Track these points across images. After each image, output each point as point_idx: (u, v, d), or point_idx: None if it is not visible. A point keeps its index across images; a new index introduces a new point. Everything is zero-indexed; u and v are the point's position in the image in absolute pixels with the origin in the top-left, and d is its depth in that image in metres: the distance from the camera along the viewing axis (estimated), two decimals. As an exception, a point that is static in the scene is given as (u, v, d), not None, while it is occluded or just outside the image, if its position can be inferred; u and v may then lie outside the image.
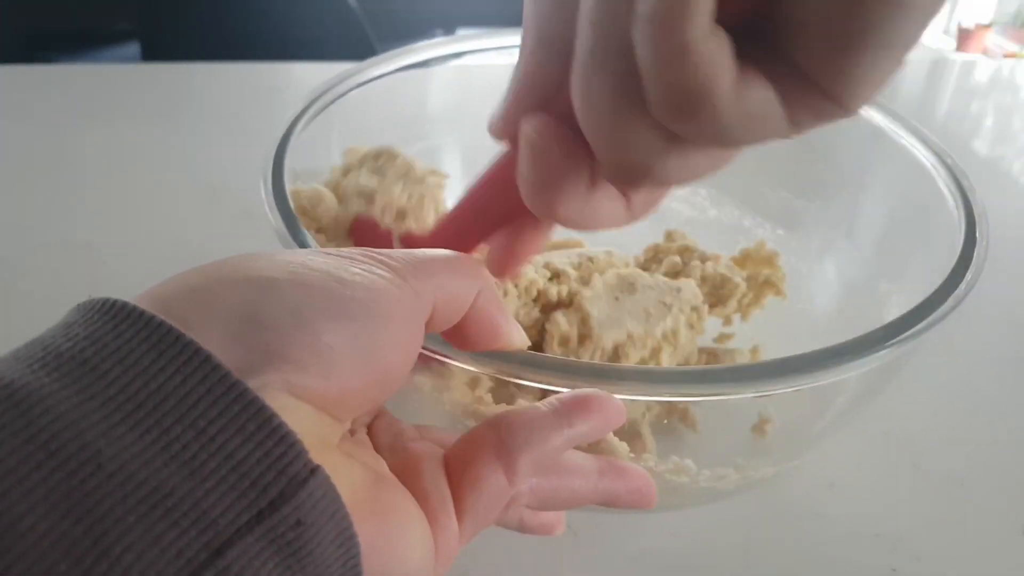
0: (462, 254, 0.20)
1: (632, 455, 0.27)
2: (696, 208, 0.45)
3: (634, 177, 0.16)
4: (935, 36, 2.56)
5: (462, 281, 0.19)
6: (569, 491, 0.21)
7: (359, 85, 0.38)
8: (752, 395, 0.22)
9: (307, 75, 0.82)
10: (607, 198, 0.18)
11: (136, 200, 0.55)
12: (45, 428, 0.12)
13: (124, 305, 0.14)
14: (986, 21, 2.39)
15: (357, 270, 0.17)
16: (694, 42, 0.13)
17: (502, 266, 0.23)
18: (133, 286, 0.16)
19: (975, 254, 0.28)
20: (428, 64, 0.40)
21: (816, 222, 0.41)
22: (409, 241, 0.31)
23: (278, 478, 0.13)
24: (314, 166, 0.35)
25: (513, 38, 0.41)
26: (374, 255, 0.18)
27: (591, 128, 0.16)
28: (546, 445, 0.19)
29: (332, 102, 0.36)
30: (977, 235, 0.29)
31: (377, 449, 0.20)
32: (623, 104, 0.15)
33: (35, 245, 0.49)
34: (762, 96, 0.14)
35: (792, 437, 0.32)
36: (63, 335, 0.14)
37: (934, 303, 0.25)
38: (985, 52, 2.37)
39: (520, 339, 0.21)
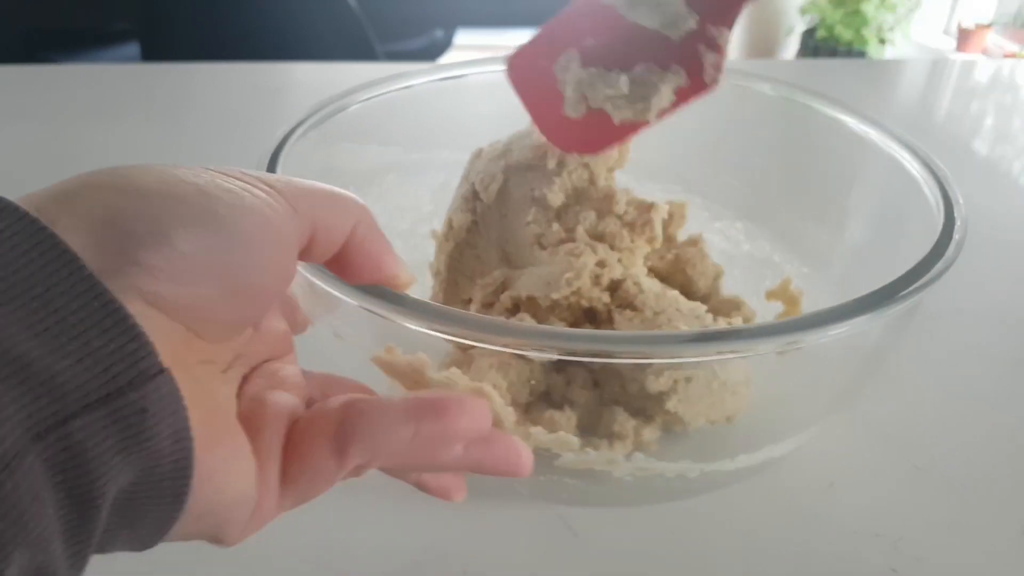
0: (341, 190, 0.21)
1: (515, 421, 0.27)
2: (731, 241, 0.45)
3: None
4: (935, 36, 2.56)
5: (340, 209, 0.20)
6: (421, 465, 0.21)
7: (357, 103, 0.39)
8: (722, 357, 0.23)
9: (307, 75, 0.82)
10: None
11: (136, 200, 0.55)
12: None
13: (6, 203, 0.15)
14: (986, 21, 2.39)
15: (230, 186, 0.18)
16: None
17: None
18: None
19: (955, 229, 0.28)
20: (426, 84, 0.41)
21: (840, 257, 0.40)
22: None
23: (128, 369, 0.15)
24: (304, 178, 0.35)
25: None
26: (255, 175, 0.19)
27: None
28: (386, 439, 0.19)
29: (328, 117, 0.37)
30: (956, 216, 0.29)
31: (243, 392, 0.21)
32: None
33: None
34: None
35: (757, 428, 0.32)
36: None
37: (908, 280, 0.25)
38: (985, 52, 2.37)
39: (406, 275, 0.22)
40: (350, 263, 0.21)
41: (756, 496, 0.33)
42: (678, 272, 0.37)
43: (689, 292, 0.36)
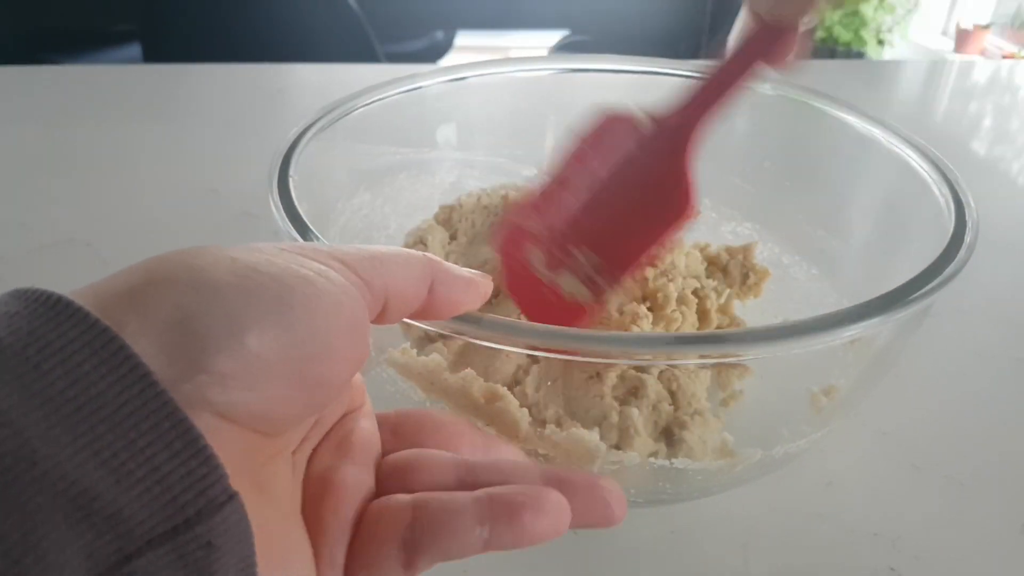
0: (411, 251, 0.20)
1: (530, 423, 0.27)
2: (741, 240, 0.45)
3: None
4: (933, 37, 2.56)
5: (413, 274, 0.20)
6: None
7: (368, 104, 0.39)
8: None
9: (308, 76, 0.82)
10: None
11: (137, 200, 0.55)
12: None
13: (69, 304, 0.14)
14: (984, 22, 2.39)
15: (306, 272, 0.17)
16: None
17: None
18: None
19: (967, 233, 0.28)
20: (432, 86, 0.41)
21: (849, 259, 0.40)
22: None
23: (197, 498, 0.14)
24: (316, 179, 0.35)
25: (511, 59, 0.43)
26: (327, 250, 0.18)
27: None
28: (458, 545, 0.18)
29: (338, 120, 0.37)
30: (967, 220, 0.29)
31: (311, 465, 0.20)
32: None
33: (35, 245, 0.49)
34: None
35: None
36: (5, 326, 0.14)
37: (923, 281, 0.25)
38: (983, 53, 2.37)
39: (483, 291, 0.22)
40: (435, 314, 0.21)
41: (755, 495, 0.33)
42: None
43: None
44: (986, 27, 2.38)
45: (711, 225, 0.45)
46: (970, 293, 0.47)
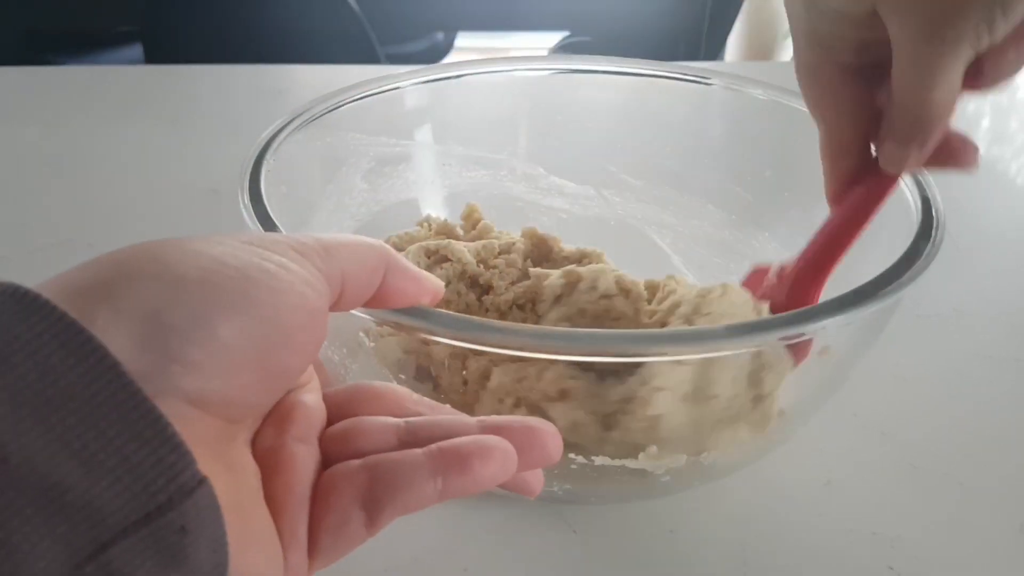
0: (366, 239, 0.21)
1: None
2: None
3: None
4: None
5: (368, 261, 0.21)
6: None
7: (338, 106, 0.39)
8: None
9: (309, 77, 0.82)
10: None
11: (138, 201, 0.56)
12: None
13: (36, 297, 0.14)
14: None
15: (268, 266, 0.17)
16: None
17: None
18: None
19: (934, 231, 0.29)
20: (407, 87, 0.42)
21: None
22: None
23: (168, 485, 0.14)
24: (292, 179, 0.36)
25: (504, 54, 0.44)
26: (287, 241, 0.19)
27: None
28: (415, 498, 0.19)
29: (316, 117, 0.37)
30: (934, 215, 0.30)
31: (257, 442, 0.20)
32: None
33: (37, 246, 0.50)
34: None
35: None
36: None
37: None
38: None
39: (434, 297, 0.23)
40: (384, 303, 0.22)
41: (753, 493, 0.33)
42: None
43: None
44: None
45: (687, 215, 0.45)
46: (970, 293, 0.47)
